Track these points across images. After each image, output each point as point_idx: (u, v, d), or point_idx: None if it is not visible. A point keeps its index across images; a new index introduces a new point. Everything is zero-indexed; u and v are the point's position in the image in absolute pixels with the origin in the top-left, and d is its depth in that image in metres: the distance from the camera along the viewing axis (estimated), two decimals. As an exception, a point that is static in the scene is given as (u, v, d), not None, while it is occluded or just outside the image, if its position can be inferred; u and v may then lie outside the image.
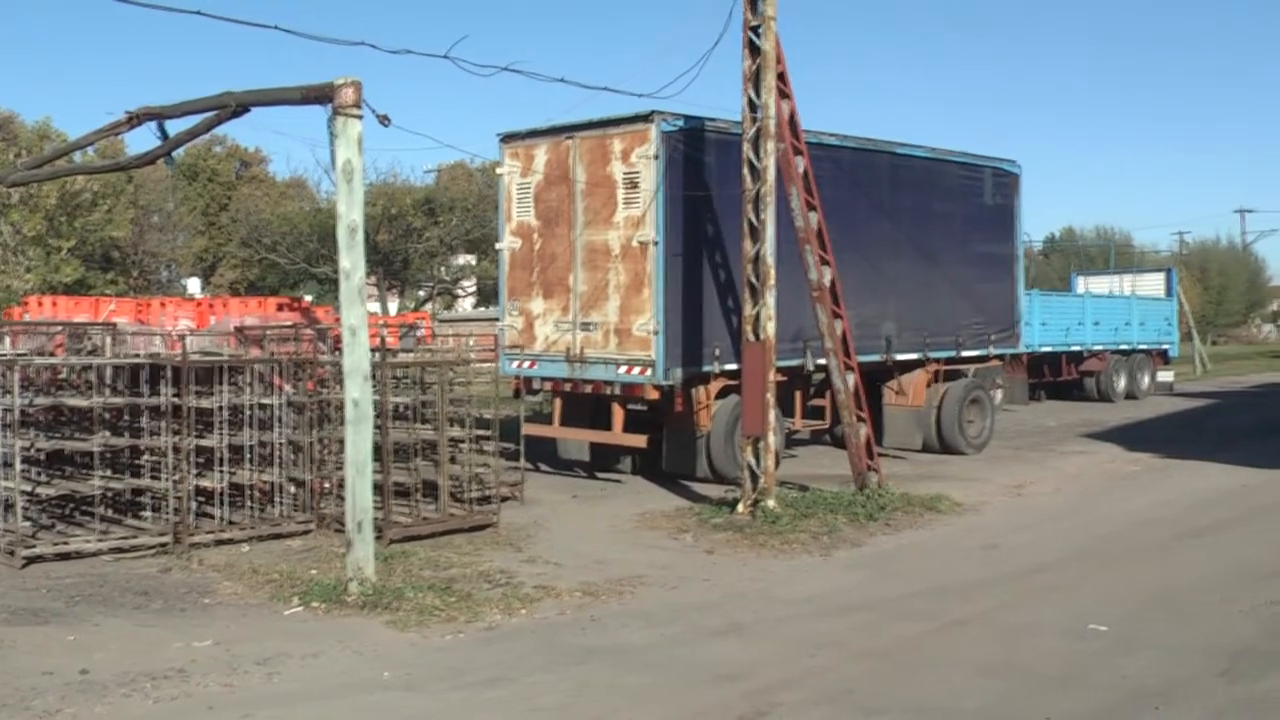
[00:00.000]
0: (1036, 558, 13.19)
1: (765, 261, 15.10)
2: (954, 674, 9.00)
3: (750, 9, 15.18)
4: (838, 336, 16.26)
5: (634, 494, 17.44)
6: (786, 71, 15.49)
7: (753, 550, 13.44)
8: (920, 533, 14.60)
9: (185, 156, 50.64)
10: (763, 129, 15.14)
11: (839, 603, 11.17)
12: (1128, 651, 9.47)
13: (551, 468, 19.53)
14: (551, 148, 18.24)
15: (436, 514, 14.32)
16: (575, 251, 17.88)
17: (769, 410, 15.20)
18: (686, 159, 17.08)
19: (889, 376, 21.24)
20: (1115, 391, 35.20)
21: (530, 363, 18.52)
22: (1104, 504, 16.93)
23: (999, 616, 10.74)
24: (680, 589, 11.72)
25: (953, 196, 21.87)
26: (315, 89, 11.42)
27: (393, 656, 9.36)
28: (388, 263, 43.61)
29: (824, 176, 16.89)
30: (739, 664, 9.21)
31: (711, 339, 17.26)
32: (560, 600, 11.15)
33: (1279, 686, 8.61)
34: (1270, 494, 17.30)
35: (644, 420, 18.05)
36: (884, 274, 20.00)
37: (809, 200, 15.95)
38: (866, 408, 16.75)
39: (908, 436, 21.58)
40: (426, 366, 15.49)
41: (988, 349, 22.64)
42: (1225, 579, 11.99)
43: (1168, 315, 38.83)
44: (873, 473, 16.48)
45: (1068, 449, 23.19)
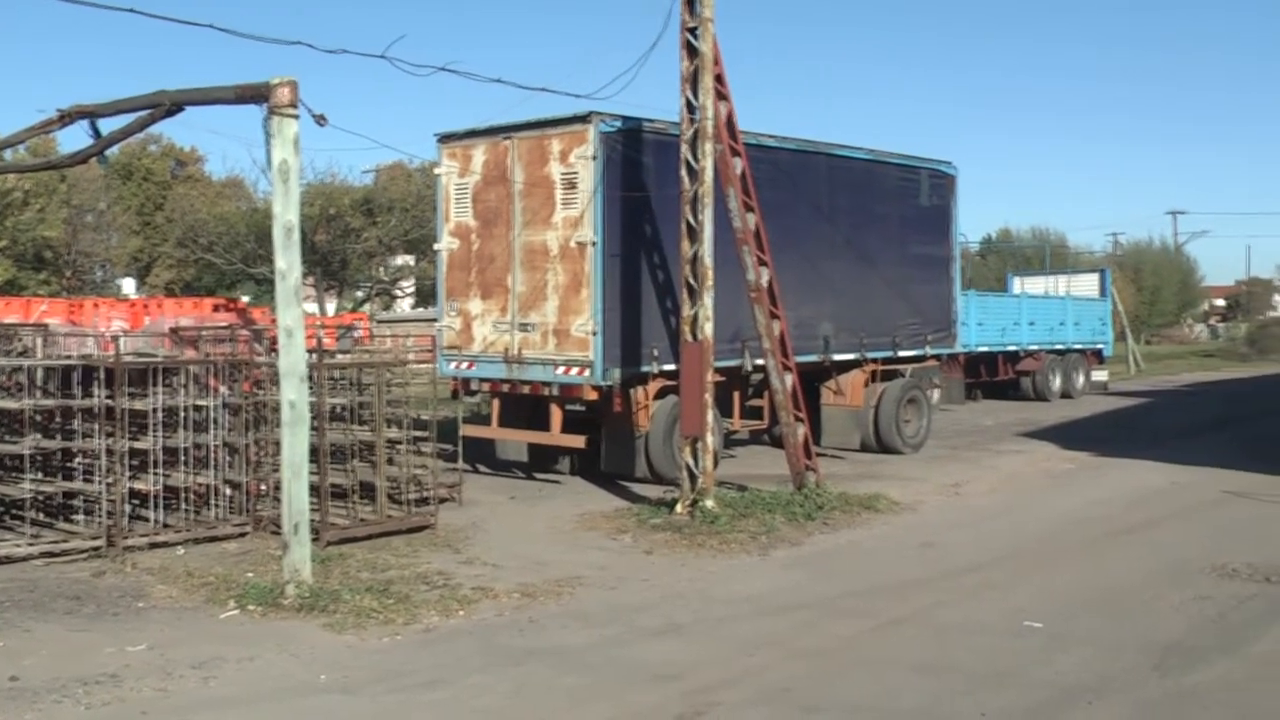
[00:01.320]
0: (972, 556, 13.29)
1: (703, 262, 15.13)
2: (890, 672, 9.07)
3: (688, 10, 15.21)
4: (775, 337, 16.31)
5: (573, 495, 17.43)
6: (724, 73, 15.52)
7: (691, 550, 13.45)
8: (858, 532, 14.68)
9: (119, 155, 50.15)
10: (700, 130, 15.16)
11: (777, 602, 11.20)
12: (1061, 648, 9.58)
13: (490, 469, 19.47)
14: (489, 148, 18.19)
15: (374, 516, 14.25)
16: (513, 252, 17.84)
17: (707, 410, 15.23)
18: (625, 160, 17.08)
19: (827, 376, 21.34)
20: (1051, 391, 35.55)
21: (468, 363, 18.45)
22: (1039, 502, 17.10)
23: (935, 615, 10.81)
24: (619, 589, 11.72)
25: (890, 198, 22.01)
26: (250, 88, 11.33)
27: (330, 659, 9.30)
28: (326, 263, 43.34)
29: (762, 177, 16.94)
30: (677, 664, 9.22)
31: (650, 339, 17.27)
32: (498, 601, 11.11)
33: (1208, 680, 8.73)
34: (1200, 492, 17.51)
35: (582, 421, 18.04)
36: (822, 275, 20.08)
37: (747, 201, 16.00)
38: (804, 408, 16.81)
39: (845, 436, 21.68)
40: (363, 367, 15.41)
41: (925, 349, 22.79)
42: (1157, 575, 12.15)
43: (1102, 315, 39.28)
44: (811, 472, 16.54)
45: (1004, 448, 23.39)
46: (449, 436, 16.63)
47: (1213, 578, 11.95)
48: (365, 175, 48.88)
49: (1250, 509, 16.13)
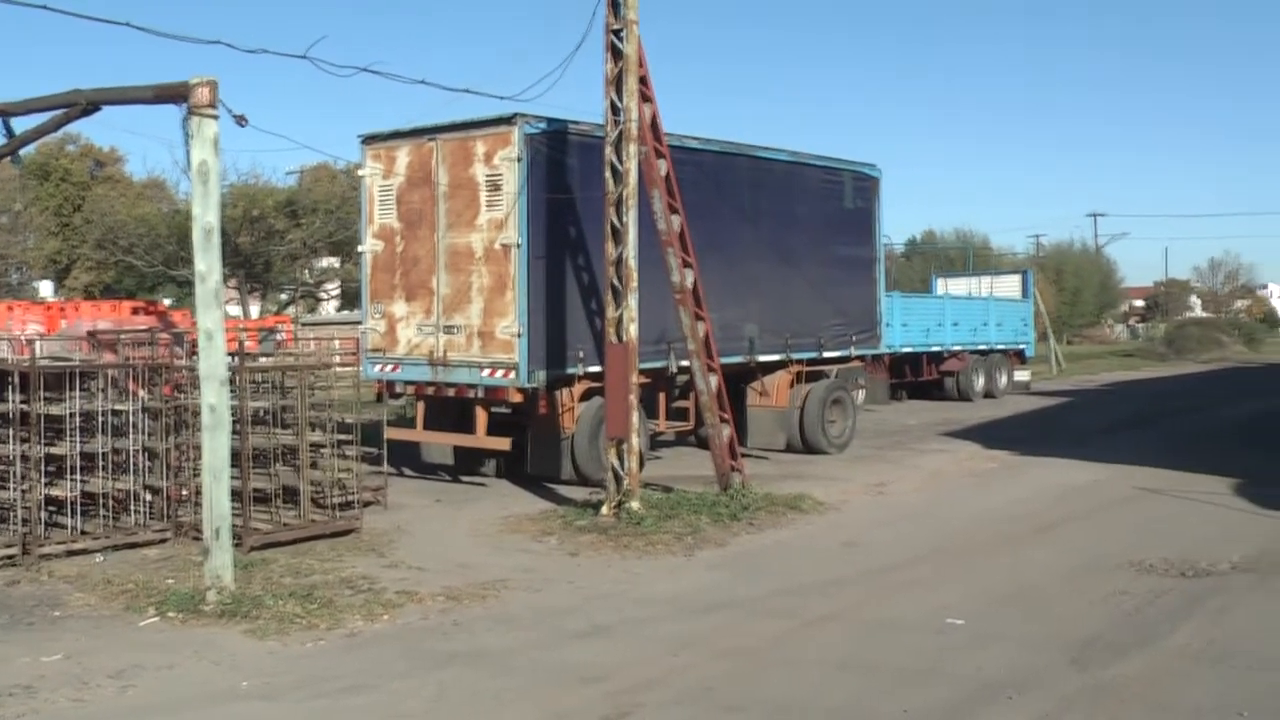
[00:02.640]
0: (896, 555, 13.39)
1: (628, 264, 15.14)
2: (814, 670, 9.12)
3: (612, 13, 15.21)
4: (700, 338, 16.35)
5: (498, 497, 17.36)
6: (648, 75, 15.54)
7: (617, 552, 13.45)
8: (783, 532, 14.73)
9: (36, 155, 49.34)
10: (625, 132, 15.17)
11: (702, 602, 11.22)
12: (983, 644, 9.68)
13: (415, 472, 19.37)
14: (414, 149, 18.09)
15: (297, 520, 14.13)
16: (438, 254, 17.76)
17: (632, 412, 15.24)
18: (550, 161, 17.05)
19: (752, 377, 21.42)
20: (974, 391, 35.89)
21: (393, 366, 18.34)
22: (962, 501, 17.26)
23: (859, 613, 10.88)
24: (544, 592, 11.69)
25: (814, 200, 22.12)
26: (169, 88, 11.20)
27: (252, 666, 9.20)
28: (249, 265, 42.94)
29: (686, 180, 16.99)
30: (602, 665, 9.22)
31: (575, 341, 17.26)
32: (423, 605, 11.05)
33: (1125, 673, 8.85)
34: (1119, 488, 17.75)
35: (508, 423, 18.00)
36: (746, 276, 20.17)
37: (671, 203, 16.02)
38: (730, 409, 16.87)
39: (771, 437, 21.77)
40: (286, 371, 15.28)
41: (849, 350, 22.93)
42: (1076, 571, 12.32)
43: (1024, 316, 39.72)
44: (736, 473, 16.60)
45: (928, 447, 23.59)
46: (374, 440, 16.51)
47: (1130, 573, 12.12)
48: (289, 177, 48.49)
49: (1167, 505, 16.37)
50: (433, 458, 19.30)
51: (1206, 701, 8.23)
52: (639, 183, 15.40)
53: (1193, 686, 8.57)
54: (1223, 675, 8.81)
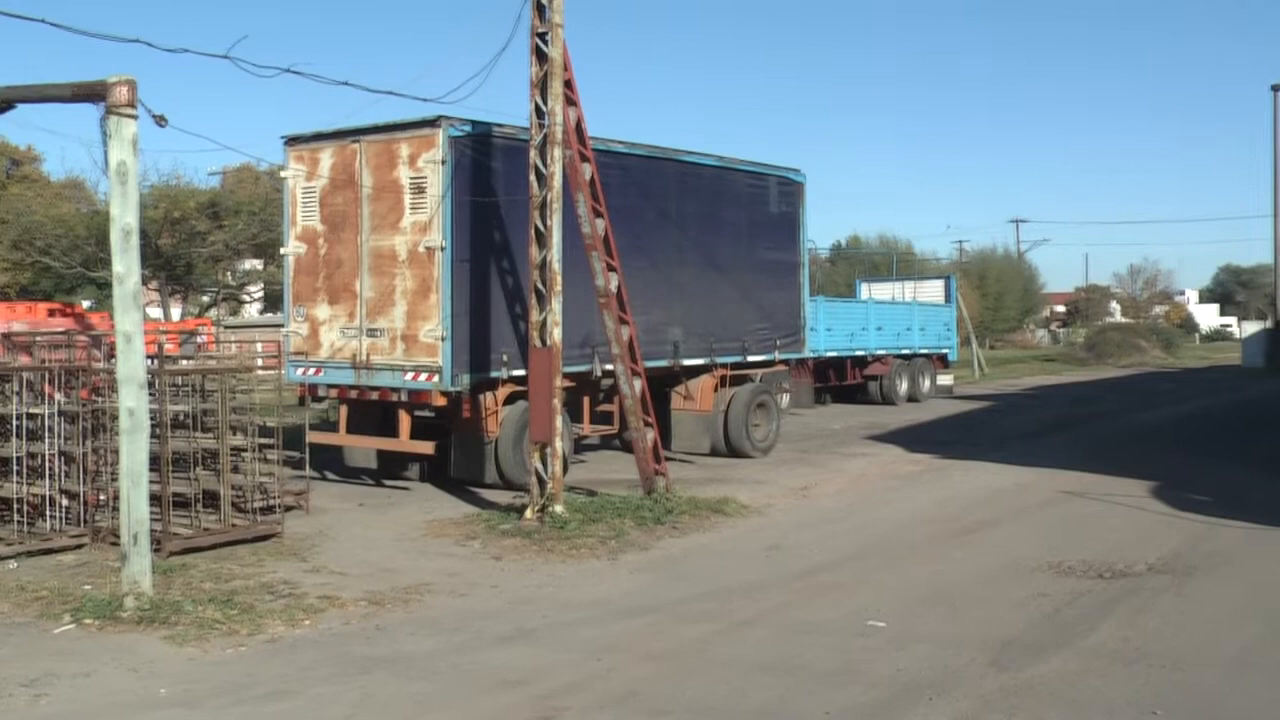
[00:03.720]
0: (819, 557, 13.47)
1: (552, 268, 15.12)
2: (737, 673, 9.14)
3: (538, 16, 15.18)
4: (625, 342, 16.36)
5: (422, 501, 17.28)
6: (574, 79, 15.53)
7: (540, 556, 13.43)
8: (707, 535, 14.77)
9: (-53, 153, 48.46)
10: (550, 135, 15.15)
11: (626, 606, 11.23)
12: (904, 645, 9.75)
13: (338, 476, 19.22)
14: (337, 151, 17.96)
15: (218, 525, 13.98)
16: (362, 257, 17.64)
17: (556, 416, 15.21)
18: (474, 164, 16.99)
19: (677, 382, 21.46)
20: (898, 395, 36.19)
21: (316, 369, 18.19)
22: (885, 504, 17.38)
23: (782, 616, 10.94)
24: (468, 596, 11.65)
25: (739, 204, 22.20)
26: (86, 86, 11.04)
27: (170, 673, 9.09)
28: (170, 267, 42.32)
29: (611, 184, 17.01)
30: (525, 670, 9.20)
31: (499, 345, 17.20)
32: (345, 610, 10.98)
33: (1044, 673, 8.96)
34: (1039, 492, 17.96)
35: (432, 427, 17.91)
36: (671, 280, 20.21)
37: (596, 207, 16.03)
38: (654, 413, 16.90)
39: (695, 441, 21.81)
40: (207, 374, 15.11)
41: (774, 354, 23.02)
42: (996, 573, 12.45)
43: (947, 321, 40.10)
44: (660, 477, 16.63)
45: (852, 451, 23.73)
46: (296, 444, 16.37)
47: (1049, 575, 12.27)
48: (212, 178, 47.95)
49: (1086, 507, 16.58)
50: (356, 462, 19.15)
51: (1121, 700, 8.35)
52: (564, 186, 15.39)
53: (1109, 686, 8.68)
54: (1138, 674, 8.93)
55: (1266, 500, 16.77)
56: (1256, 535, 14.43)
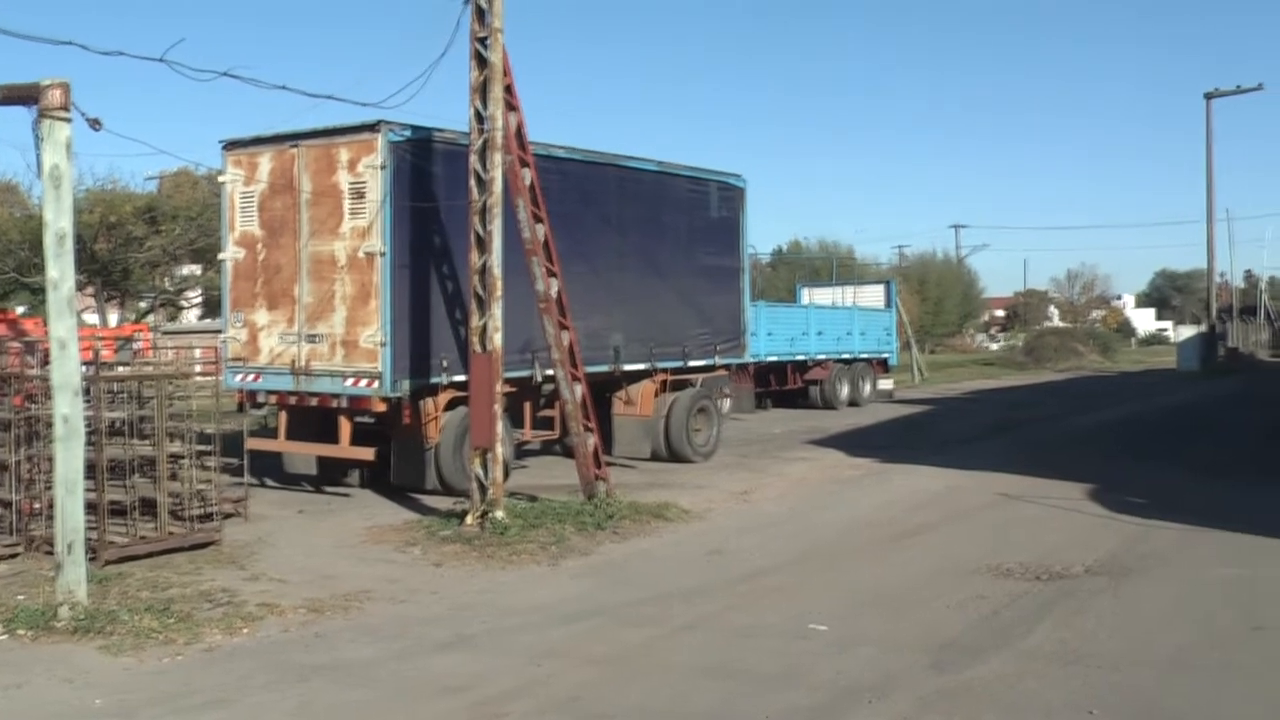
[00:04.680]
0: (760, 562, 13.51)
1: (492, 273, 15.09)
2: (679, 677, 9.17)
3: (478, 20, 15.16)
4: (565, 347, 16.36)
5: (362, 507, 17.19)
6: (514, 83, 15.51)
7: (481, 562, 13.39)
8: (648, 540, 14.79)
9: (-121, 157, 47.71)
10: (490, 140, 15.12)
11: (567, 611, 11.22)
12: (845, 649, 9.81)
13: (278, 482, 19.07)
14: (276, 156, 17.84)
15: (155, 533, 13.83)
16: (301, 262, 17.53)
17: (497, 421, 15.19)
18: (414, 169, 16.93)
19: (618, 387, 21.46)
20: (838, 399, 36.36)
21: (254, 376, 18.05)
22: (826, 508, 17.47)
23: (723, 620, 10.96)
24: (408, 602, 11.61)
25: (679, 209, 22.23)
26: (18, 89, 10.90)
27: (106, 683, 8.99)
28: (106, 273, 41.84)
29: (552, 189, 17.00)
30: (466, 676, 9.18)
31: (440, 350, 17.15)
32: (284, 618, 10.90)
33: (982, 674, 9.04)
34: (978, 495, 18.11)
35: (372, 433, 17.80)
36: (612, 286, 20.22)
37: (536, 212, 16.02)
38: (595, 418, 16.90)
39: (637, 446, 21.81)
40: (144, 380, 14.97)
41: (715, 359, 23.08)
42: (936, 576, 12.54)
43: (887, 325, 40.35)
44: (601, 482, 16.63)
45: (792, 455, 23.83)
46: (235, 450, 16.25)
47: (988, 577, 12.37)
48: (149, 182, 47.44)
49: (1024, 510, 16.74)
50: (296, 468, 19.01)
51: (1059, 701, 8.44)
52: (504, 191, 15.36)
53: (1046, 687, 8.77)
54: (1074, 675, 9.03)
55: (1200, 502, 16.99)
56: (1189, 537, 14.61)
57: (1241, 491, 18.27)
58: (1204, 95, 61.82)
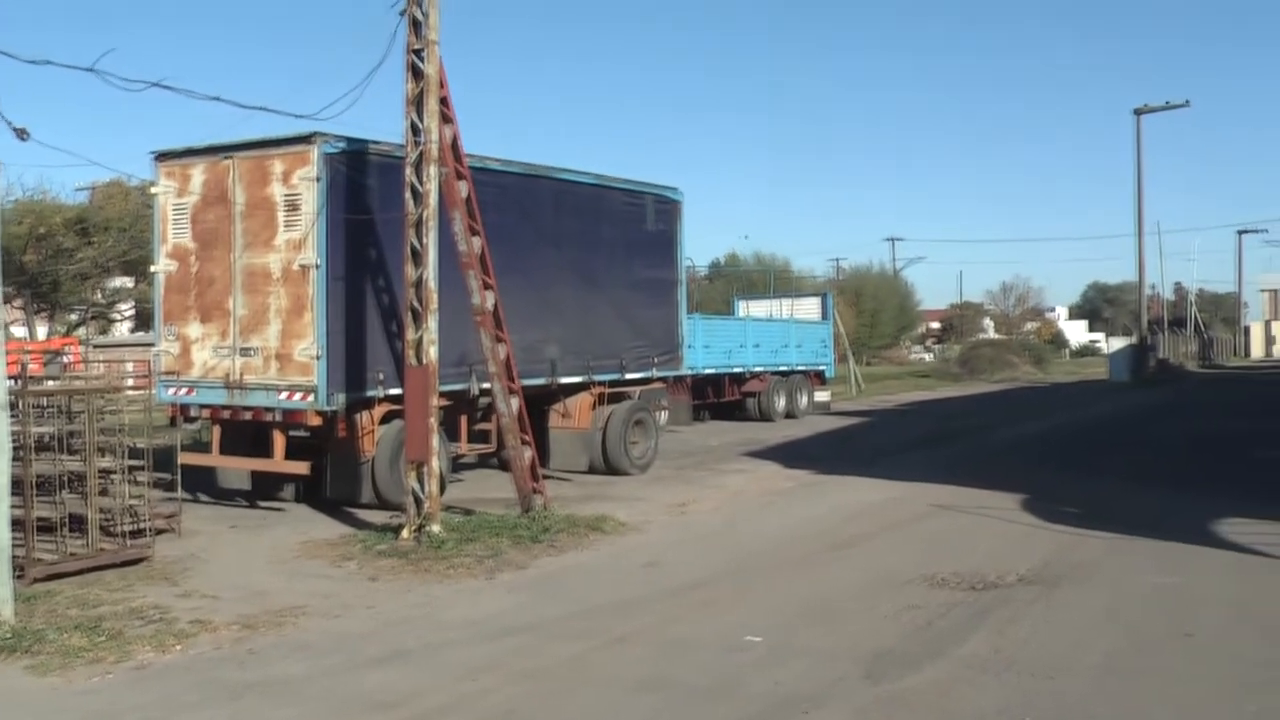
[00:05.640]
0: (696, 574, 13.51)
1: (428, 286, 15.04)
2: (614, 691, 9.16)
3: (414, 33, 15.13)
4: (501, 360, 16.33)
5: (297, 522, 17.05)
6: (449, 96, 15.49)
7: (417, 576, 13.32)
8: (584, 553, 14.76)
9: None
10: (425, 153, 15.09)
11: (502, 625, 11.17)
12: (780, 660, 9.83)
13: (211, 497, 18.87)
14: (209, 167, 17.68)
15: (85, 549, 13.63)
16: (234, 275, 17.39)
17: (432, 435, 15.12)
18: (349, 181, 16.84)
19: (554, 399, 21.43)
20: (775, 411, 36.46)
21: (187, 389, 17.88)
22: (762, 520, 17.51)
23: (659, 632, 10.96)
24: (342, 618, 11.52)
25: (616, 222, 22.25)
26: (-60, 99, 10.77)
27: (32, 704, 8.86)
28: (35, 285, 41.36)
29: (488, 201, 16.96)
30: (400, 691, 9.12)
31: (375, 363, 17.06)
32: (217, 634, 10.78)
33: (916, 684, 9.09)
34: (912, 506, 18.22)
35: (307, 447, 17.66)
36: (548, 298, 20.20)
37: (472, 225, 15.99)
38: (531, 431, 16.89)
39: (573, 458, 21.79)
40: (73, 394, 14.78)
41: (651, 371, 23.11)
42: (871, 587, 12.58)
43: (824, 338, 40.51)
44: (537, 495, 16.60)
45: (729, 468, 23.87)
46: (167, 465, 16.08)
47: (922, 587, 12.44)
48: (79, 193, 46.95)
49: (957, 521, 16.84)
50: (229, 483, 18.82)
51: (992, 709, 8.50)
52: (439, 204, 15.33)
53: (979, 695, 8.83)
54: (1008, 683, 9.10)
55: (1130, 511, 17.18)
56: (1120, 545, 14.77)
57: (1170, 500, 18.48)
58: (1133, 111, 62.69)
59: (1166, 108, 62.46)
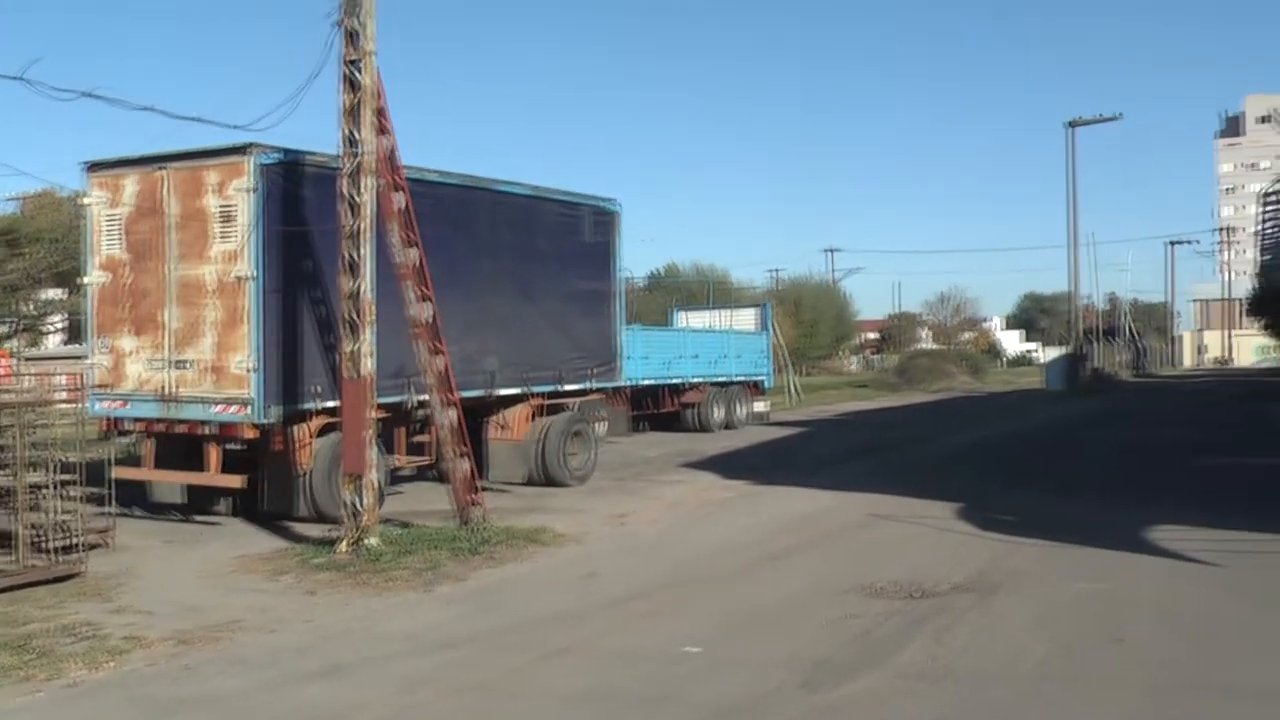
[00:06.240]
0: (635, 585, 13.50)
1: (364, 298, 14.98)
2: (552, 703, 9.14)
3: (350, 44, 15.06)
4: (439, 372, 16.28)
5: (232, 536, 16.89)
6: (386, 107, 15.44)
7: (355, 589, 13.22)
8: (522, 565, 14.71)
9: None
10: (362, 164, 15.02)
11: (440, 638, 11.12)
12: (719, 670, 9.85)
13: (145, 512, 18.64)
14: (142, 178, 17.51)
15: (14, 566, 13.44)
16: (168, 286, 17.22)
17: (369, 447, 15.05)
18: (285, 193, 16.74)
19: (492, 411, 21.38)
20: (714, 422, 36.53)
21: (120, 402, 17.68)
22: (700, 530, 17.53)
23: (597, 644, 10.95)
24: (279, 632, 11.42)
25: (554, 234, 22.25)
26: None
27: (-43, 725, 8.74)
28: (-37, 297, 40.82)
29: (425, 213, 16.89)
30: (337, 705, 9.06)
31: (312, 376, 16.95)
32: (151, 650, 10.64)
33: (853, 692, 9.13)
34: (849, 515, 18.30)
35: (242, 460, 17.52)
36: (486, 310, 20.15)
37: (409, 236, 15.94)
38: (469, 443, 16.84)
39: (512, 470, 21.74)
40: (2, 408, 14.57)
41: (589, 383, 23.12)
42: (809, 596, 12.63)
43: (762, 348, 40.64)
44: (475, 507, 16.55)
45: (668, 478, 23.90)
46: (100, 479, 15.88)
47: (860, 596, 12.48)
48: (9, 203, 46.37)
49: (895, 530, 16.94)
50: (163, 497, 18.61)
51: (928, 716, 8.58)
52: (376, 215, 15.27)
53: (916, 703, 8.89)
54: (943, 691, 9.16)
55: (1064, 518, 17.34)
56: (1054, 553, 14.89)
57: (1103, 508, 18.66)
58: (1067, 124, 63.42)
59: (1099, 120, 63.29)
